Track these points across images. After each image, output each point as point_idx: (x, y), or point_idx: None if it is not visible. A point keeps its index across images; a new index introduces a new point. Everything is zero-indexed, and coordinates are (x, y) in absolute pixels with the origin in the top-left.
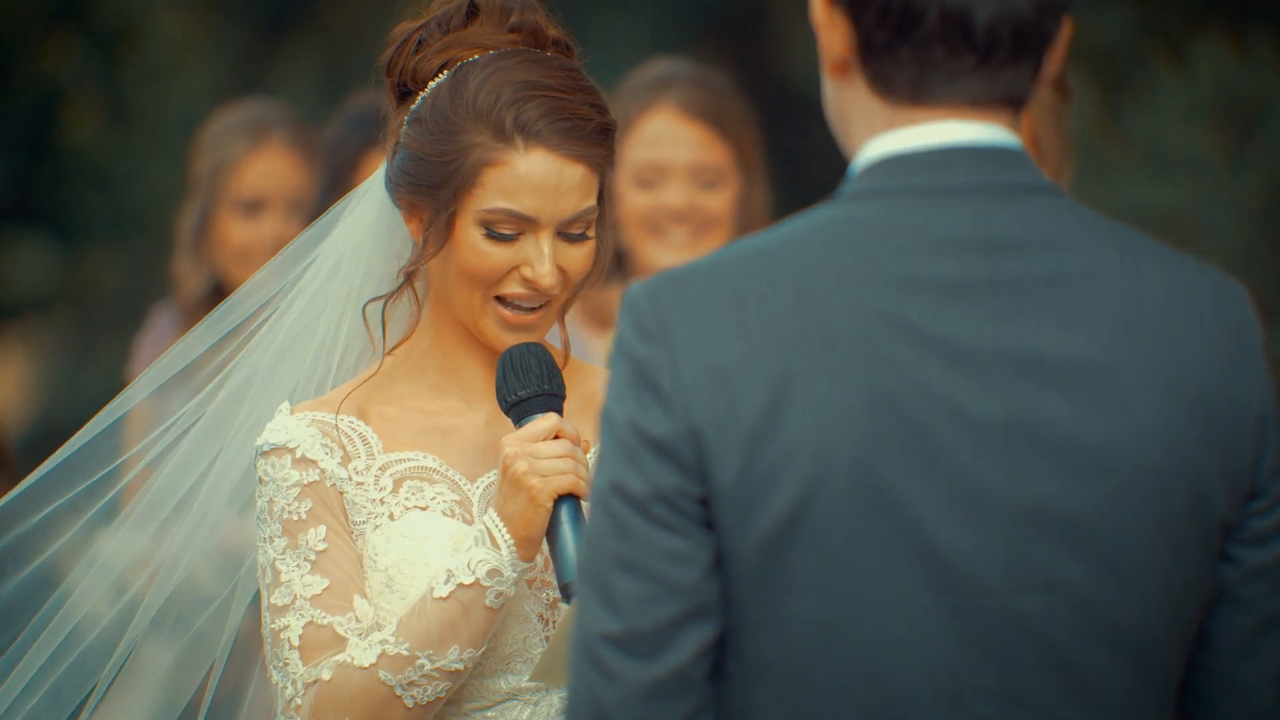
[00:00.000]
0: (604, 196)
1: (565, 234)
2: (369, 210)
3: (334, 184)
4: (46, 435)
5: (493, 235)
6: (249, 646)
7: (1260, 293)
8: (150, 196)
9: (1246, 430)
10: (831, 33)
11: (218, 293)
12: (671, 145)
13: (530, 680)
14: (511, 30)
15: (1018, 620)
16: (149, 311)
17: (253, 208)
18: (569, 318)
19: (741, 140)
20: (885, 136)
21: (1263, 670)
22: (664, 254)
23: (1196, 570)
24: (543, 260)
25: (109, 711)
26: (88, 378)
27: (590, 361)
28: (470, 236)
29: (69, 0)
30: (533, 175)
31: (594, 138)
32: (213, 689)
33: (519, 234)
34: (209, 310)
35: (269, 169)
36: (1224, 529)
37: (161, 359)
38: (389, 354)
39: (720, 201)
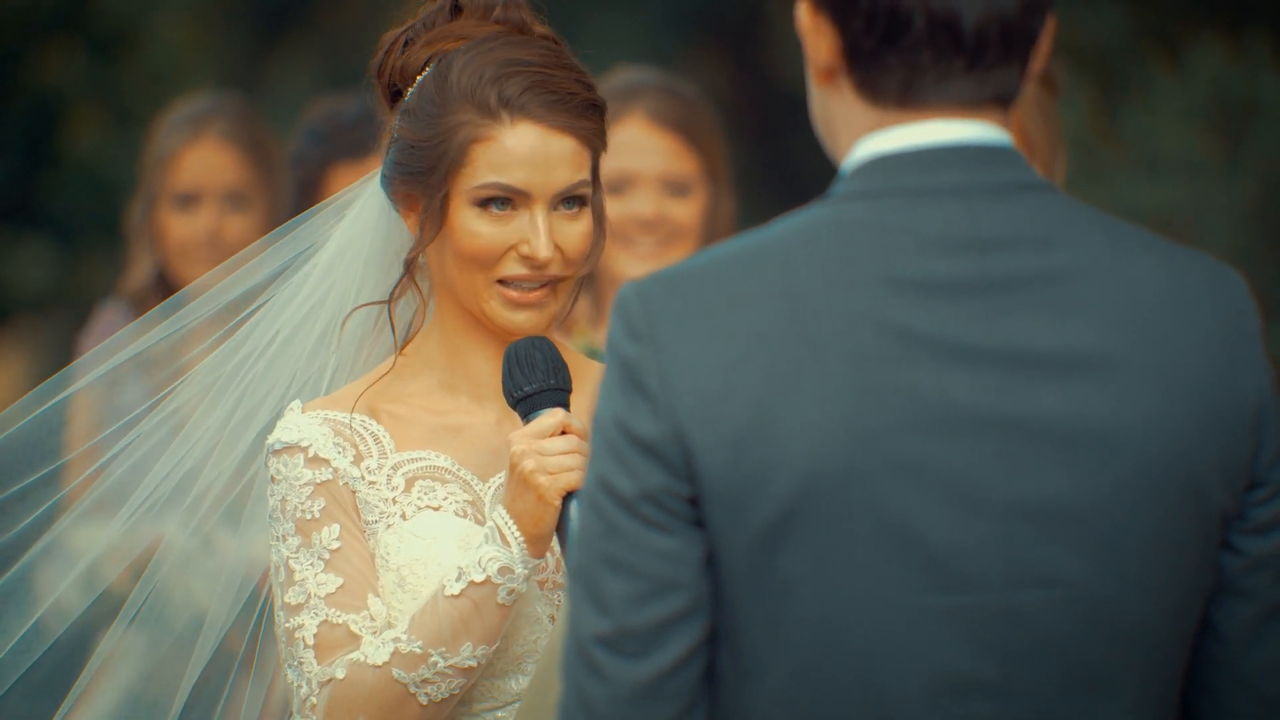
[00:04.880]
0: (598, 176)
1: (560, 209)
2: (366, 214)
3: (301, 198)
4: None
5: (486, 213)
6: (229, 648)
7: (1258, 293)
8: None
9: (1245, 420)
10: (817, 40)
11: (162, 285)
12: (641, 154)
13: None
14: (495, 23)
15: (1016, 616)
16: (92, 309)
17: (188, 201)
18: None
19: (710, 150)
20: (875, 136)
21: (1269, 660)
22: (632, 263)
23: (1196, 562)
24: (538, 234)
25: (85, 706)
26: None
27: None
28: (464, 218)
29: (70, 4)
30: (520, 147)
31: (581, 111)
32: (187, 689)
33: (512, 210)
34: (155, 304)
35: (203, 162)
36: (1224, 519)
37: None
38: (400, 353)
39: (688, 211)
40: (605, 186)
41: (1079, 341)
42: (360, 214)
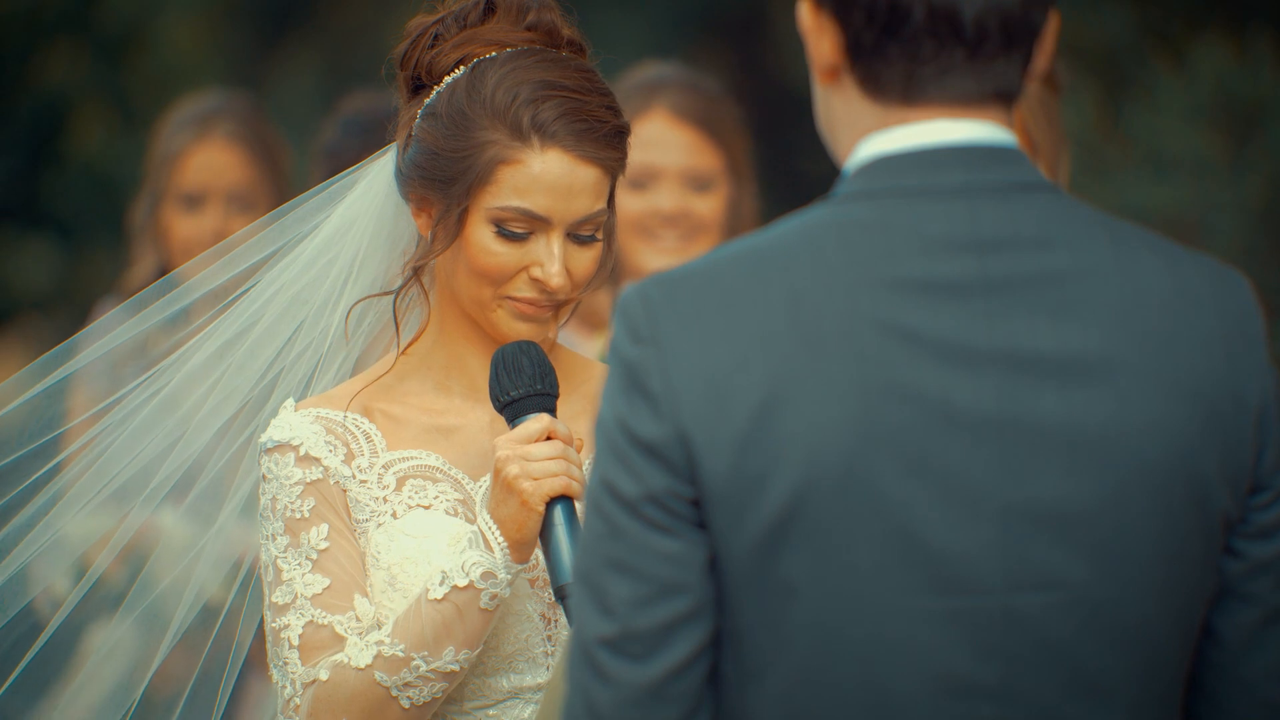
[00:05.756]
0: (614, 200)
1: (575, 236)
2: (371, 202)
3: None
4: None
5: (503, 234)
6: (198, 637)
7: (1262, 293)
8: None
9: (1247, 423)
10: (820, 38)
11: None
12: (664, 149)
13: None
14: (528, 29)
15: (1017, 619)
16: (92, 307)
17: (194, 201)
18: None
19: (733, 145)
20: (878, 136)
21: (1269, 664)
22: (654, 257)
23: (1198, 565)
24: (553, 260)
25: (69, 692)
26: None
27: None
28: (481, 234)
29: (75, 5)
30: (547, 175)
31: (609, 140)
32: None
33: (529, 233)
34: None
35: (209, 162)
36: (1226, 523)
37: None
38: (403, 354)
39: (711, 206)
40: (628, 180)
41: (1080, 343)
42: (365, 194)
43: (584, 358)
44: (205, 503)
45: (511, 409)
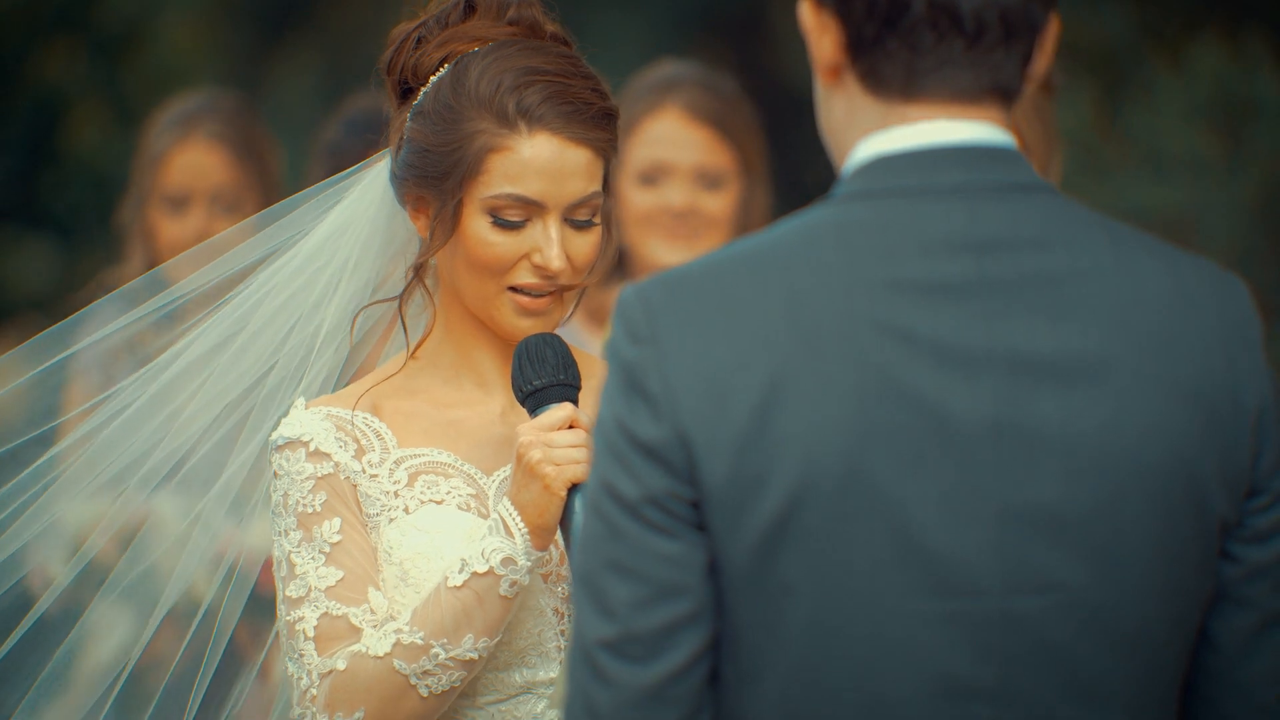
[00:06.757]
0: (608, 184)
1: (571, 220)
2: (366, 207)
3: None
4: None
5: (499, 223)
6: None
7: (1259, 293)
8: None
9: (1245, 426)
10: (822, 36)
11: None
12: (676, 146)
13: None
14: (509, 23)
15: (1015, 621)
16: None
17: (178, 202)
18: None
19: (745, 145)
20: (877, 136)
21: (1266, 669)
22: (664, 253)
23: (1196, 568)
24: (551, 244)
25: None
26: None
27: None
28: (477, 226)
29: (73, 3)
30: (537, 159)
31: (597, 121)
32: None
33: (526, 220)
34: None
35: (192, 163)
36: (1223, 527)
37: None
38: (413, 357)
39: (721, 204)
40: (639, 176)
41: (1077, 345)
42: (360, 199)
43: (587, 354)
44: (192, 492)
45: (534, 398)
